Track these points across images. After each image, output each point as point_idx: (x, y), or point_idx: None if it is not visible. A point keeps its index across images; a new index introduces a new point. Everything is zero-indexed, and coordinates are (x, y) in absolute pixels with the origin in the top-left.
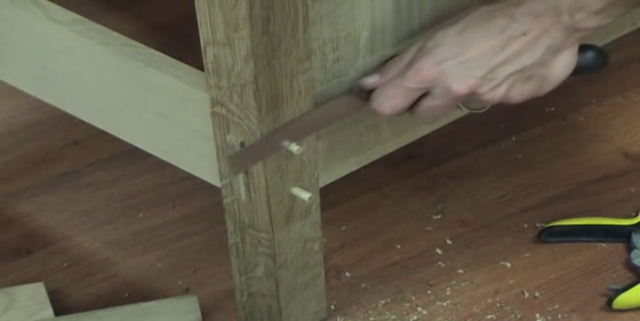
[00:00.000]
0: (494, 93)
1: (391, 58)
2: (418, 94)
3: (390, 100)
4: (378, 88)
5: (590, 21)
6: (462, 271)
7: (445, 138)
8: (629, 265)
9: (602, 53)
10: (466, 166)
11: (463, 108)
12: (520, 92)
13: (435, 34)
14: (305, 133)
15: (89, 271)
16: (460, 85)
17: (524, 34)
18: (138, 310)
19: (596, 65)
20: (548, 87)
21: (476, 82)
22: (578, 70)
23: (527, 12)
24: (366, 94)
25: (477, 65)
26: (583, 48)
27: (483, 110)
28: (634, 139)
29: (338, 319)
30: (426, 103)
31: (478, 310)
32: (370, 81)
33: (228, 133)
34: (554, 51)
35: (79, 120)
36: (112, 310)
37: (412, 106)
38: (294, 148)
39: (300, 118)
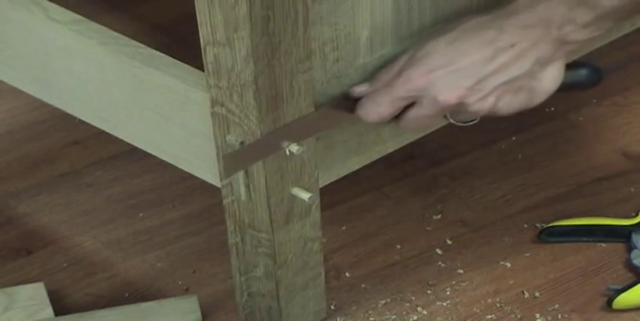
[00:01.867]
0: (481, 104)
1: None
2: (406, 102)
3: (377, 107)
4: (366, 95)
5: (579, 34)
6: (462, 271)
7: (445, 138)
8: (629, 265)
9: (596, 70)
10: (466, 166)
11: (451, 119)
12: (508, 104)
13: (425, 44)
14: (302, 136)
15: (89, 271)
16: (447, 95)
17: (512, 45)
18: (138, 310)
19: (589, 82)
20: (538, 99)
21: (463, 93)
22: (572, 86)
23: (517, 24)
24: (353, 102)
25: (466, 76)
26: (577, 65)
27: (471, 123)
28: (634, 139)
29: (338, 319)
30: (414, 112)
31: (478, 310)
32: (359, 89)
33: (228, 133)
34: (542, 63)
35: (79, 120)
36: (112, 310)
37: (399, 115)
38: (294, 148)
39: (295, 122)
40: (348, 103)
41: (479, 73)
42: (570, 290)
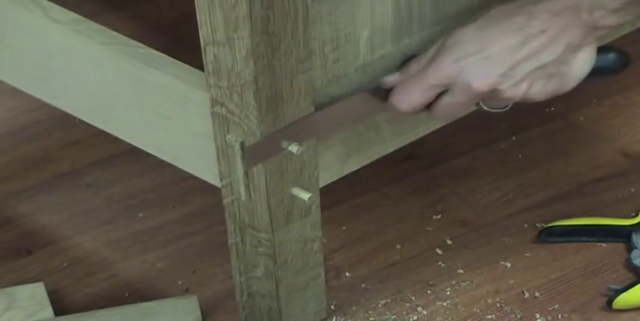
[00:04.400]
0: (515, 90)
1: (410, 58)
2: (438, 91)
3: (409, 96)
4: (398, 84)
5: (609, 19)
6: (462, 271)
7: (445, 138)
8: (629, 265)
9: (623, 55)
10: (466, 166)
11: (484, 107)
12: (541, 90)
13: (455, 32)
14: (322, 130)
15: (89, 271)
16: (480, 82)
17: (543, 31)
18: (138, 310)
19: (616, 67)
20: (569, 85)
21: (496, 80)
22: (600, 72)
23: (546, 10)
24: (385, 93)
25: (498, 62)
26: (604, 49)
27: (505, 109)
28: (634, 139)
29: (338, 319)
30: (446, 100)
31: (478, 310)
32: (390, 79)
33: (228, 133)
34: (573, 49)
35: (79, 120)
36: (112, 310)
37: (431, 103)
38: (294, 148)
39: (316, 114)
40: (379, 93)
41: (510, 60)
42: (570, 290)
